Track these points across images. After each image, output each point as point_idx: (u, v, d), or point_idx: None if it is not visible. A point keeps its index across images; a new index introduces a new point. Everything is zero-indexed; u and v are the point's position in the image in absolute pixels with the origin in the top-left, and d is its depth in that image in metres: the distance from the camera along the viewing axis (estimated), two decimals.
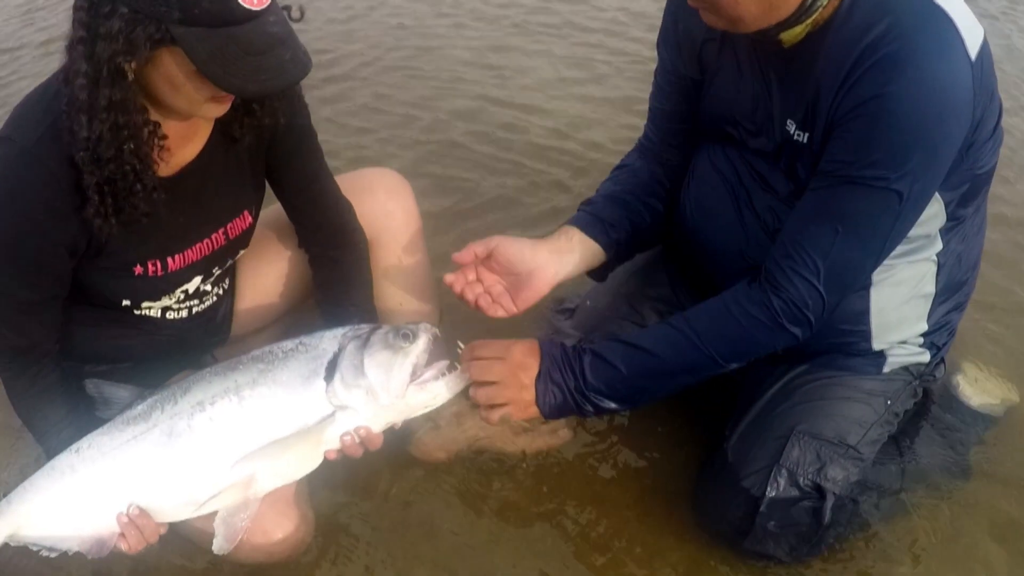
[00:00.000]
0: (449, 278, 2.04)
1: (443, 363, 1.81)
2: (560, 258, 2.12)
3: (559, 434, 2.34)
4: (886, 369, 2.09)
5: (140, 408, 1.82)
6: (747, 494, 2.02)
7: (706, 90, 2.07)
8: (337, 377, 1.74)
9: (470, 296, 2.04)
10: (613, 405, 1.96)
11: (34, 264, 1.79)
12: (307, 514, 2.09)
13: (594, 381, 1.93)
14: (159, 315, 2.02)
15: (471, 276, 2.05)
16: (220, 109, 1.73)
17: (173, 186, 1.84)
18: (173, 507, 1.82)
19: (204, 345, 2.21)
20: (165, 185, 1.81)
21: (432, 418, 2.29)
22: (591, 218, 2.20)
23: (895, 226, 1.80)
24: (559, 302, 2.62)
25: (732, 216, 2.06)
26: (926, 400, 2.28)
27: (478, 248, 2.04)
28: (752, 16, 1.73)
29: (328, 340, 1.80)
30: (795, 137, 1.86)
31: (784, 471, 1.99)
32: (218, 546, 1.78)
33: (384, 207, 2.28)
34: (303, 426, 1.74)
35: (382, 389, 1.73)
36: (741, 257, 2.05)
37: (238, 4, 1.54)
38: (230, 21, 1.54)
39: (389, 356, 1.73)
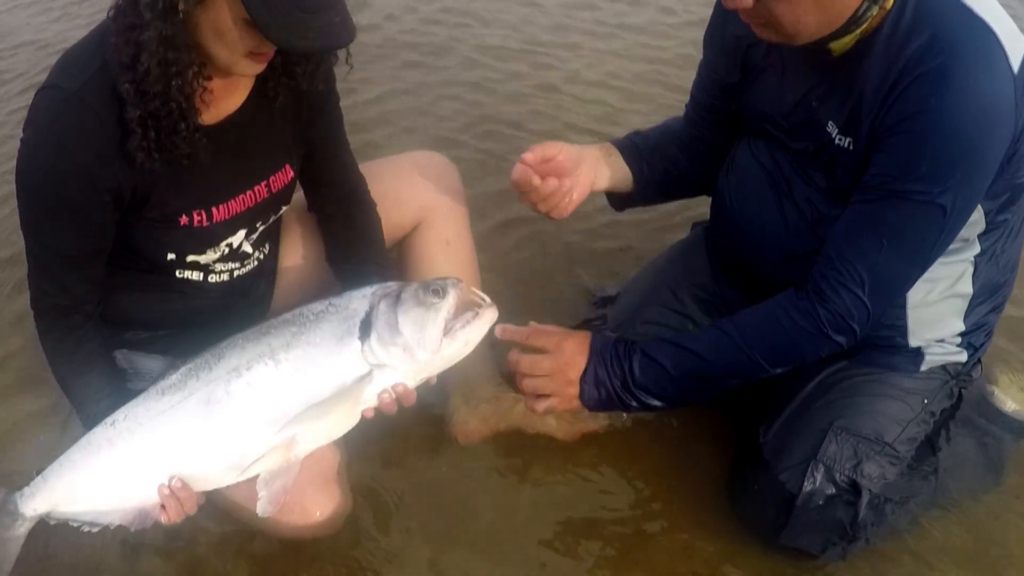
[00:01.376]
0: (516, 174, 2.02)
1: (469, 314, 1.78)
2: (599, 166, 2.16)
3: (598, 420, 2.31)
4: (924, 368, 2.07)
5: (175, 377, 1.79)
6: (783, 488, 2.00)
7: (748, 89, 2.06)
8: (373, 336, 1.72)
9: (533, 196, 2.04)
10: (658, 403, 1.98)
11: (79, 213, 1.77)
12: (345, 492, 2.08)
13: (642, 379, 1.95)
14: (201, 278, 2.00)
15: (536, 180, 2.02)
16: (256, 67, 1.72)
17: (216, 135, 1.83)
18: (215, 473, 1.80)
19: (244, 318, 2.16)
20: (209, 133, 1.80)
21: (471, 399, 2.30)
22: (634, 149, 2.23)
23: (940, 238, 1.79)
24: (600, 289, 2.62)
25: (772, 207, 2.04)
26: (960, 403, 2.22)
27: (535, 152, 2.03)
28: (809, 31, 1.72)
29: (358, 300, 1.78)
30: (837, 141, 1.85)
31: (821, 466, 1.98)
32: (262, 509, 1.77)
33: (432, 188, 2.28)
34: (341, 386, 1.73)
35: (418, 346, 1.71)
36: (780, 246, 2.03)
37: None
38: None
39: (422, 313, 1.71)
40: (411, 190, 2.26)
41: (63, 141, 1.71)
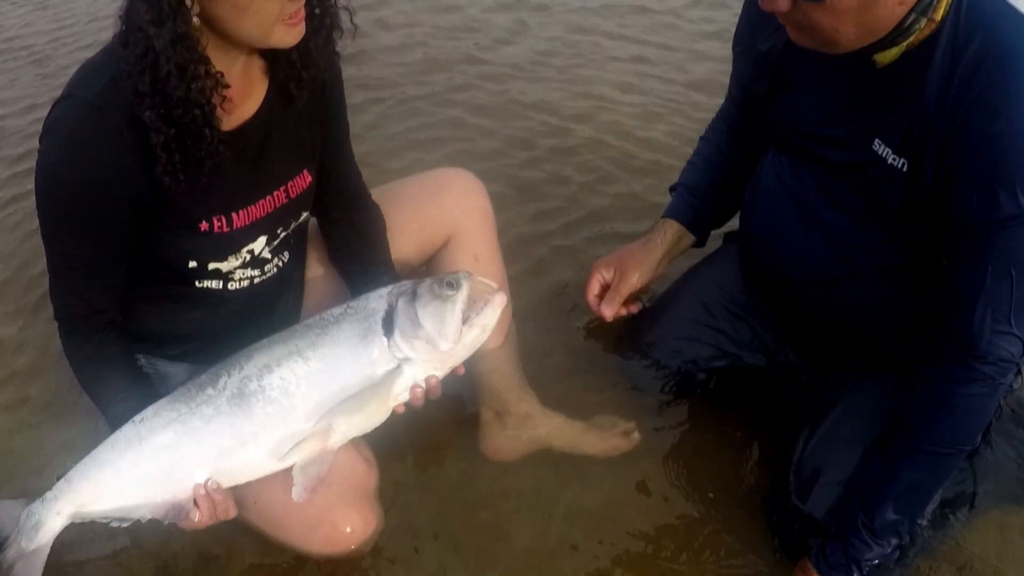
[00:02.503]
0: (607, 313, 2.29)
1: (481, 303, 1.81)
2: (671, 257, 2.36)
3: (631, 437, 2.29)
4: None
5: (204, 377, 1.81)
6: (821, 507, 1.98)
7: (778, 101, 2.02)
8: (396, 332, 1.77)
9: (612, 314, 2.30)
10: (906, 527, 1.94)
11: (98, 221, 1.76)
12: (376, 510, 2.06)
13: (880, 544, 1.91)
14: (221, 286, 1.98)
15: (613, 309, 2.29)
16: (291, 34, 1.69)
17: (235, 141, 1.82)
18: (251, 463, 1.81)
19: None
20: (228, 139, 1.78)
21: (504, 416, 2.28)
22: (693, 214, 2.35)
23: None
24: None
25: (798, 230, 2.02)
26: (1000, 413, 2.18)
27: (605, 275, 2.32)
28: (848, 40, 1.67)
29: (375, 300, 1.83)
30: (889, 160, 1.80)
31: None
32: (296, 494, 1.78)
33: (461, 205, 2.27)
34: (371, 379, 1.77)
35: (440, 336, 1.76)
36: (807, 268, 2.01)
37: None
38: None
39: (440, 305, 1.76)
40: (439, 207, 2.25)
41: (81, 148, 1.69)
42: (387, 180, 2.38)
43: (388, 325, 1.78)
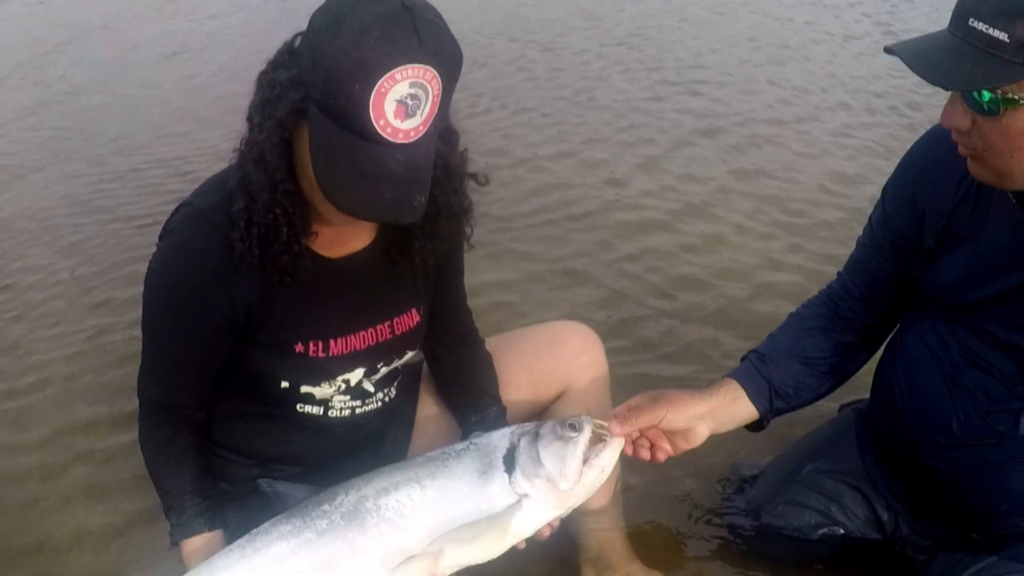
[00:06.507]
0: (614, 428, 1.90)
1: (600, 445, 1.83)
2: (718, 420, 2.03)
3: None
4: None
5: (322, 495, 1.83)
6: None
7: (945, 256, 1.97)
8: (517, 469, 1.78)
9: (629, 450, 1.96)
10: None
11: (189, 326, 1.82)
12: None
13: None
14: (321, 412, 2.01)
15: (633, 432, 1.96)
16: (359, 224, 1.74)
17: (340, 269, 1.87)
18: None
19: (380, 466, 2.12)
20: (333, 267, 1.84)
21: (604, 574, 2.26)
22: (759, 381, 2.09)
23: None
24: (735, 468, 2.57)
25: (943, 394, 1.97)
26: None
27: (632, 402, 1.98)
28: (1022, 171, 1.67)
29: (498, 438, 1.85)
30: None
31: None
32: None
33: (577, 360, 2.26)
34: (487, 513, 1.78)
35: (560, 476, 1.76)
36: (951, 434, 1.96)
37: (370, 122, 1.49)
38: (356, 131, 1.51)
39: (561, 446, 1.78)
40: (554, 361, 2.26)
41: (187, 255, 1.78)
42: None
43: (509, 462, 1.80)
